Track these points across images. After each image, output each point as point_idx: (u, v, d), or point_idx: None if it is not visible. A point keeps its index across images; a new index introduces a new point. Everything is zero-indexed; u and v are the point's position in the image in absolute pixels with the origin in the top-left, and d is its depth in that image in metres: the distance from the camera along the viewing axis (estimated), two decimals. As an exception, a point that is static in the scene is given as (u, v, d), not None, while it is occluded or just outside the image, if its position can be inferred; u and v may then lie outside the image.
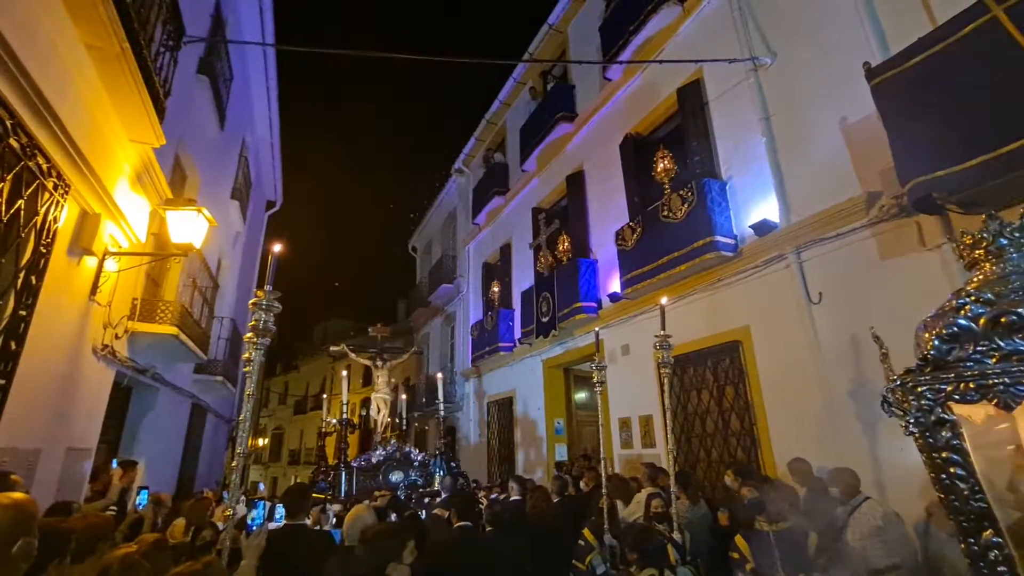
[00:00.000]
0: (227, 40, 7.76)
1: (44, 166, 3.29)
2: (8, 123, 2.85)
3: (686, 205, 5.95)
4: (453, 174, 14.95)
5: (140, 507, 4.01)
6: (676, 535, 3.30)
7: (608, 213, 7.99)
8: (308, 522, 4.10)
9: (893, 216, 4.29)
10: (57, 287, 3.72)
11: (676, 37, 7.02)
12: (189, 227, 4.77)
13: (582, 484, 6.09)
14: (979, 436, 1.09)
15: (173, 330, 5.79)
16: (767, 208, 5.47)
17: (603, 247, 7.98)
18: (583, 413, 9.66)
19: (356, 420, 17.22)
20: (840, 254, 4.72)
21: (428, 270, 16.42)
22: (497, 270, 11.87)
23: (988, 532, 1.03)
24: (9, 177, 2.97)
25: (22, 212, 3.15)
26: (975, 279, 1.13)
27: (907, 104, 3.85)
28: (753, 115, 5.73)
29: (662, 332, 3.52)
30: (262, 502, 4.52)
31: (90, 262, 4.27)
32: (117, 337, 5.18)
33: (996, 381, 0.97)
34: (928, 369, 1.10)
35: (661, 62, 6.85)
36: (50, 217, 3.51)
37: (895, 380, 1.18)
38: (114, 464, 4.92)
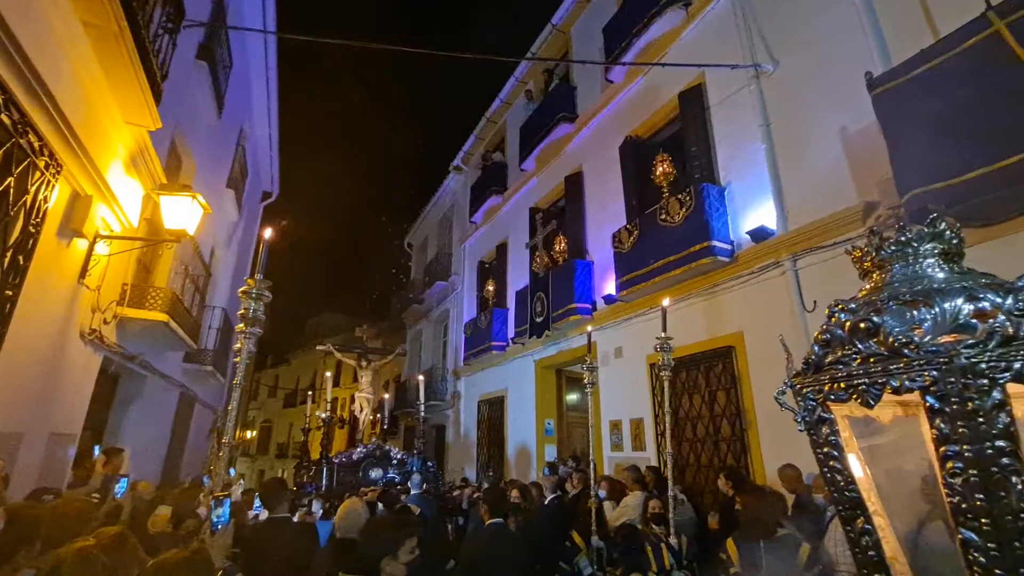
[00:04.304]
0: (227, 26, 7.68)
1: (36, 144, 3.23)
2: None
3: (684, 209, 5.95)
4: (451, 171, 14.89)
5: (119, 495, 3.93)
6: (672, 539, 3.29)
7: (605, 215, 7.98)
8: (295, 518, 4.06)
9: (890, 227, 4.29)
10: (45, 268, 3.66)
11: (679, 41, 7.02)
12: (183, 213, 4.71)
13: (568, 486, 6.06)
14: (910, 437, 1.10)
15: (163, 317, 5.71)
16: (764, 215, 5.47)
17: (599, 249, 7.96)
18: (574, 415, 9.64)
19: (346, 416, 17.14)
20: (836, 263, 4.71)
21: (423, 267, 16.35)
22: (492, 269, 11.83)
23: (860, 520, 1.13)
24: (-1, 153, 2.92)
25: (12, 190, 3.09)
26: (864, 289, 1.22)
27: (907, 115, 3.85)
28: (753, 121, 5.73)
29: (663, 334, 3.49)
30: (229, 500, 4.39)
31: (80, 244, 4.20)
32: (105, 322, 5.11)
33: (859, 381, 1.03)
34: (811, 372, 1.20)
35: (664, 65, 6.86)
36: (40, 196, 3.46)
37: (786, 383, 1.31)
38: (96, 451, 4.84)
